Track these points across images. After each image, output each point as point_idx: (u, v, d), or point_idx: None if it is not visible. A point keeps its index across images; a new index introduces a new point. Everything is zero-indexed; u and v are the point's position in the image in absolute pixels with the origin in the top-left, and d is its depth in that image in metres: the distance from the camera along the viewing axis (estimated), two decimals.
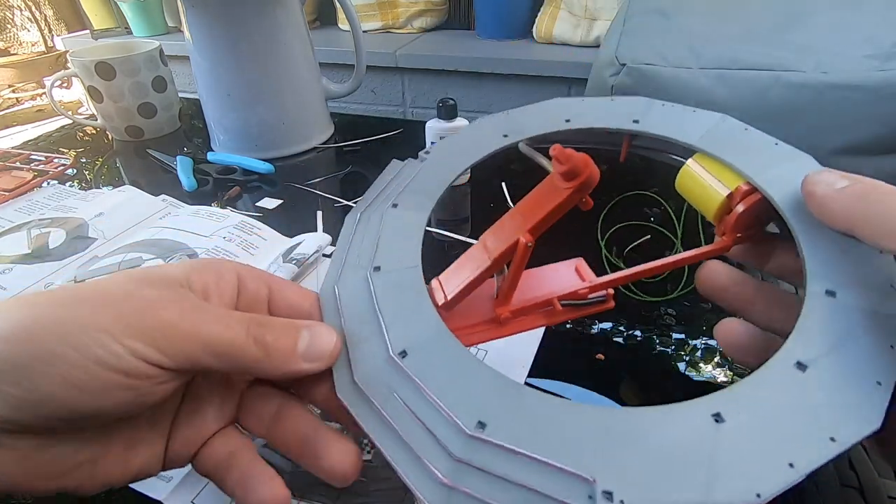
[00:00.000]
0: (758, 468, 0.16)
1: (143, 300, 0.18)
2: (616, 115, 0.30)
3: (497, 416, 0.18)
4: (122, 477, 0.20)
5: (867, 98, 0.76)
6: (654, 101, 0.31)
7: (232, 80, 0.55)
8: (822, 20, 0.88)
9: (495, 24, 1.46)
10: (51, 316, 0.17)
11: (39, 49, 2.16)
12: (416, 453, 0.18)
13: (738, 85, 0.80)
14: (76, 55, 0.62)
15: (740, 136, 0.27)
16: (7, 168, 0.56)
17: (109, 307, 0.18)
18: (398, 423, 0.19)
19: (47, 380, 0.16)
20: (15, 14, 1.80)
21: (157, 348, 0.18)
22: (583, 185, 0.21)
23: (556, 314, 0.25)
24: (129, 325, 0.17)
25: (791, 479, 0.16)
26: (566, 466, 0.17)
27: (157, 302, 0.19)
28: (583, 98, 0.31)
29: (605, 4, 1.30)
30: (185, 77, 1.55)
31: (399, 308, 0.22)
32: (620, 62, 0.88)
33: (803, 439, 0.17)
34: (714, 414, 0.18)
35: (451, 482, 0.17)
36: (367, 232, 0.26)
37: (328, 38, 1.53)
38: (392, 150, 0.61)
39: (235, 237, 0.41)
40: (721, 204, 0.25)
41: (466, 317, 0.24)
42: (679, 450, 0.17)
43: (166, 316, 0.18)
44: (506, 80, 1.37)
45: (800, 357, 0.19)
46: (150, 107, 0.65)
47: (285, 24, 0.54)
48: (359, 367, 0.20)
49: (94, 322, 0.17)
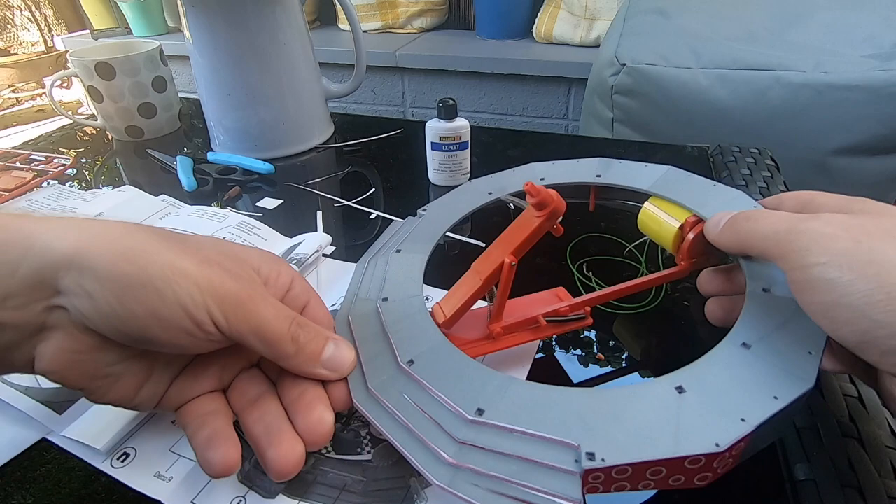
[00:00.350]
0: (715, 424, 0.19)
1: (228, 272, 0.22)
2: (582, 173, 0.37)
3: (493, 403, 0.21)
4: (125, 400, 0.22)
5: (867, 98, 0.76)
6: (612, 160, 0.37)
7: (232, 80, 0.55)
8: (823, 20, 0.88)
9: (495, 24, 1.46)
10: (161, 257, 0.20)
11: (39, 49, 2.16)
12: (424, 441, 0.21)
13: (738, 85, 0.80)
14: (76, 55, 0.62)
15: (685, 181, 0.33)
16: (7, 168, 0.56)
17: (204, 267, 0.21)
18: (409, 418, 0.22)
19: (138, 303, 0.19)
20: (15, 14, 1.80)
21: (225, 316, 0.21)
22: (552, 213, 0.24)
23: (541, 329, 0.28)
24: (214, 288, 0.21)
25: (744, 430, 0.19)
26: (554, 436, 0.20)
27: (237, 278, 0.22)
28: (553, 162, 0.38)
29: (605, 4, 1.30)
30: (185, 77, 1.55)
31: (405, 328, 0.26)
32: (620, 62, 0.88)
33: (751, 399, 0.20)
34: (677, 387, 0.21)
35: (457, 462, 0.20)
36: (374, 274, 0.30)
37: (328, 38, 1.53)
38: (392, 150, 0.61)
39: (235, 237, 0.40)
40: (675, 234, 0.30)
41: (465, 334, 0.27)
42: (649, 416, 0.20)
43: (241, 293, 0.21)
44: (506, 80, 1.37)
45: (744, 339, 0.23)
46: (150, 107, 0.65)
47: (285, 24, 0.54)
48: (373, 378, 0.24)
49: (192, 275, 0.20)
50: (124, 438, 0.26)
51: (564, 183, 0.36)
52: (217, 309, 0.21)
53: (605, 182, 0.35)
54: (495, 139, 0.61)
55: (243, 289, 0.22)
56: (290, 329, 0.22)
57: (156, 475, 0.24)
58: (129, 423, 0.26)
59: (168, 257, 0.20)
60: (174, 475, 0.24)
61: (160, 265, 0.20)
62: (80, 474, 0.25)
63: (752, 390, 0.20)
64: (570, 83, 1.33)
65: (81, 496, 0.24)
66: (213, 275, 0.21)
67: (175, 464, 0.25)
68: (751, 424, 0.19)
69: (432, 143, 0.49)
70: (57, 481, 0.25)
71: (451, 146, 0.48)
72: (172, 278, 0.20)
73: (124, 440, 0.26)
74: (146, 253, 0.20)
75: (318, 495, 0.23)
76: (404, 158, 0.59)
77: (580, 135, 1.09)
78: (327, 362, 0.23)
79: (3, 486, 0.25)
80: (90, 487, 0.25)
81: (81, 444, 0.26)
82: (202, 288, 0.20)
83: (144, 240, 0.21)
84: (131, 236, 0.20)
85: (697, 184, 0.32)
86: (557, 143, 0.63)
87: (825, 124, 0.78)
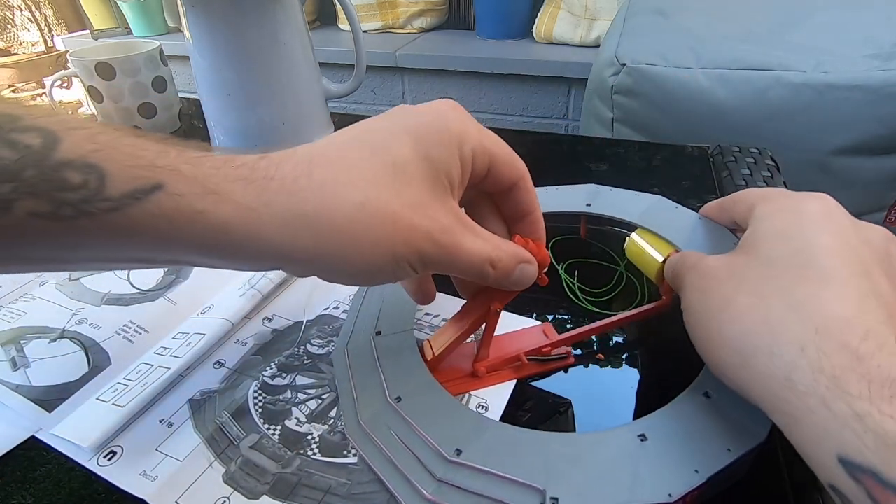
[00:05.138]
0: (671, 474, 0.21)
1: (429, 220, 0.21)
2: (573, 201, 0.38)
3: (471, 444, 0.23)
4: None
5: (867, 98, 0.76)
6: (602, 188, 0.39)
7: (232, 80, 0.55)
8: (822, 20, 0.88)
9: (495, 24, 1.46)
10: (380, 197, 0.20)
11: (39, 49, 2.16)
12: (407, 477, 0.22)
13: (738, 85, 0.80)
14: (76, 55, 0.62)
15: (672, 213, 0.35)
16: None
17: (406, 217, 0.21)
18: (394, 453, 0.23)
19: (348, 243, 0.20)
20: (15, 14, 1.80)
21: (423, 264, 0.21)
22: (537, 266, 0.25)
23: (523, 368, 0.29)
24: (413, 240, 0.21)
25: (696, 481, 0.20)
26: (523, 480, 0.21)
27: (433, 218, 0.21)
28: (546, 188, 0.40)
29: (605, 4, 1.30)
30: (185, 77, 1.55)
31: (395, 363, 0.28)
32: (620, 62, 0.88)
33: (706, 451, 0.22)
34: (640, 435, 0.22)
35: (436, 498, 0.22)
36: (371, 301, 0.32)
37: (328, 38, 1.53)
38: None
39: None
40: (658, 268, 0.30)
41: (451, 371, 0.28)
42: (611, 463, 0.22)
43: (441, 241, 0.21)
44: (506, 80, 1.37)
45: (707, 388, 0.24)
46: (150, 107, 0.64)
47: (285, 24, 0.54)
48: (363, 412, 0.26)
49: (399, 227, 0.20)
50: (112, 437, 0.26)
51: (555, 212, 0.38)
52: (416, 258, 0.21)
53: (595, 212, 0.37)
54: None
55: (441, 236, 0.21)
56: (490, 257, 0.23)
57: (141, 474, 0.24)
58: (116, 422, 0.26)
59: (385, 198, 0.20)
60: (159, 474, 0.24)
61: (375, 206, 0.20)
62: (80, 474, 0.25)
63: (708, 441, 0.22)
64: (570, 83, 1.33)
65: (81, 496, 0.24)
66: (413, 228, 0.21)
67: (161, 463, 0.25)
68: (703, 476, 0.21)
69: None
70: (57, 481, 0.25)
71: None
72: (390, 229, 0.20)
73: (111, 438, 0.26)
74: (364, 195, 0.20)
75: (303, 497, 0.23)
76: None
77: (580, 135, 1.09)
78: (515, 282, 0.24)
79: (3, 486, 0.25)
80: (90, 487, 0.25)
81: (69, 442, 0.26)
82: (406, 238, 0.21)
83: (359, 185, 0.20)
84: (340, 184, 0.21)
85: (683, 216, 0.34)
86: (557, 143, 0.63)
87: (825, 124, 0.78)
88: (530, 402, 0.28)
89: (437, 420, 0.24)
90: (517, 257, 0.24)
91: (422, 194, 0.21)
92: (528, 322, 0.32)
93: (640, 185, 0.39)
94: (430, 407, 0.25)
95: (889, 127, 0.77)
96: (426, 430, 0.24)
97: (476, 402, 0.27)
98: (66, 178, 0.17)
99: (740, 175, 0.49)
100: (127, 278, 0.37)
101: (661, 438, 0.22)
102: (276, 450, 0.25)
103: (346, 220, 0.20)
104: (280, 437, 0.26)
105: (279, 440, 0.26)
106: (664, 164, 0.54)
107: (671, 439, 0.22)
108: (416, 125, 0.22)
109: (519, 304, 0.28)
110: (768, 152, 0.54)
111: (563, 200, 0.39)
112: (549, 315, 0.34)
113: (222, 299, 0.35)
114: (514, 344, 0.30)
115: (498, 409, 0.27)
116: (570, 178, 0.42)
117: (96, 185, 0.17)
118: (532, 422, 0.27)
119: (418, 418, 0.24)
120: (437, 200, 0.22)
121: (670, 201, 0.36)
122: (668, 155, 0.56)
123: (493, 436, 0.23)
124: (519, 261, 0.24)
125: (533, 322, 0.32)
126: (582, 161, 0.55)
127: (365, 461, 0.24)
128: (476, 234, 0.23)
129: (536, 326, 0.31)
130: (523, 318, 0.33)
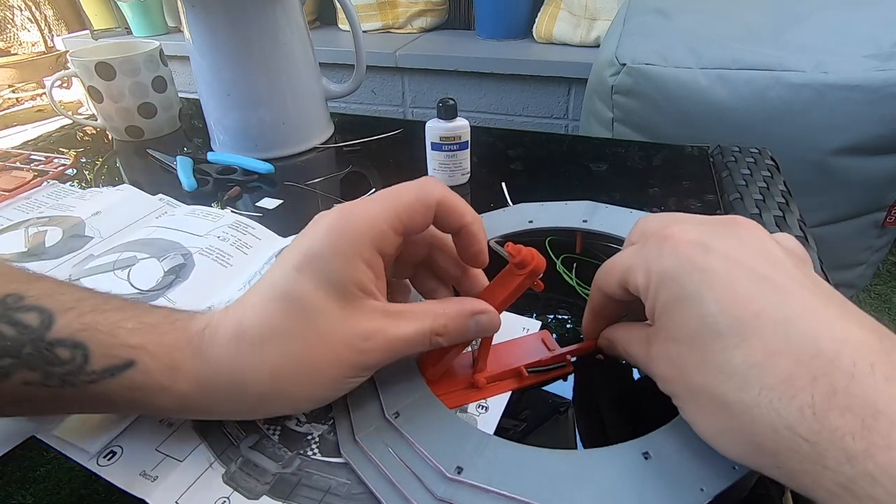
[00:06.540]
0: (676, 493, 0.20)
1: (347, 339, 0.23)
2: (569, 217, 0.38)
3: (472, 461, 0.22)
4: None
5: (867, 98, 0.76)
6: (598, 205, 0.39)
7: (232, 80, 0.55)
8: (822, 20, 0.88)
9: (495, 24, 1.46)
10: (295, 354, 0.23)
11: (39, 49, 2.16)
12: (405, 496, 0.22)
13: (738, 85, 0.80)
14: (76, 55, 0.62)
15: None
16: (7, 168, 0.56)
17: (322, 354, 0.23)
18: (391, 471, 0.23)
19: (287, 400, 0.24)
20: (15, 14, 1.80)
21: (364, 369, 0.24)
22: (532, 272, 0.25)
23: (523, 379, 0.29)
24: (341, 362, 0.23)
25: (702, 500, 0.20)
26: (526, 498, 0.21)
27: (356, 335, 0.23)
28: (542, 204, 0.40)
29: (605, 4, 1.30)
30: (185, 77, 1.55)
31: (393, 378, 0.27)
32: (620, 62, 0.88)
33: (712, 469, 0.21)
34: (643, 453, 0.22)
35: None
36: None
37: (328, 38, 1.54)
38: (392, 150, 0.61)
39: (230, 236, 0.40)
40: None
41: (450, 384, 0.28)
42: (616, 481, 0.21)
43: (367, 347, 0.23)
44: (506, 80, 1.37)
45: None
46: (150, 107, 0.64)
47: (285, 24, 0.54)
48: (360, 429, 0.25)
49: (324, 364, 0.23)
50: (112, 437, 0.26)
51: (552, 227, 0.38)
52: (356, 373, 0.24)
53: (591, 229, 0.37)
54: (495, 139, 0.61)
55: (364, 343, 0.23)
56: (431, 328, 0.24)
57: (141, 474, 0.24)
58: (117, 422, 0.26)
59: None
60: (159, 475, 0.24)
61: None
62: (80, 474, 0.25)
63: (713, 459, 0.21)
64: (570, 83, 1.33)
65: (81, 496, 0.24)
66: (332, 358, 0.23)
67: (161, 463, 0.25)
68: (709, 494, 0.20)
69: (432, 143, 0.49)
70: (57, 481, 0.25)
71: (451, 146, 0.48)
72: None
73: (112, 439, 0.26)
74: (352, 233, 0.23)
75: (303, 497, 0.23)
76: (404, 158, 0.58)
77: (580, 135, 1.09)
78: (477, 333, 0.26)
79: (3, 486, 0.25)
80: (90, 487, 0.25)
81: (69, 442, 0.26)
82: (329, 375, 0.23)
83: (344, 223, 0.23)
84: (330, 223, 0.23)
85: None
86: (557, 143, 0.63)
87: (825, 124, 0.78)
88: (530, 402, 0.28)
89: (438, 436, 0.24)
90: (464, 313, 0.25)
91: (332, 320, 0.23)
92: (528, 322, 0.32)
93: (640, 185, 0.39)
94: (429, 422, 0.24)
95: (889, 127, 0.77)
96: (426, 448, 0.23)
97: (476, 403, 0.27)
98: (57, 354, 0.21)
99: (740, 175, 0.49)
100: (127, 278, 0.37)
101: (665, 456, 0.22)
102: (276, 450, 0.25)
103: (272, 387, 0.23)
104: (280, 437, 0.26)
105: (279, 440, 0.26)
106: (664, 164, 0.54)
107: (675, 457, 0.22)
108: (306, 253, 0.23)
109: (519, 304, 0.28)
110: (768, 152, 0.54)
111: (559, 217, 0.39)
112: (549, 315, 0.34)
113: (222, 299, 0.35)
114: (513, 354, 0.29)
115: (498, 409, 0.27)
116: (570, 178, 0.42)
117: (81, 362, 0.21)
118: (532, 422, 0.27)
119: (417, 434, 0.24)
120: (351, 313, 0.23)
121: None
122: (668, 155, 0.56)
123: (493, 453, 0.23)
124: (468, 315, 0.25)
125: (533, 322, 0.32)
126: (582, 161, 0.55)
127: (361, 480, 0.23)
128: (405, 317, 0.24)
129: (534, 335, 0.31)
130: (523, 318, 0.33)
